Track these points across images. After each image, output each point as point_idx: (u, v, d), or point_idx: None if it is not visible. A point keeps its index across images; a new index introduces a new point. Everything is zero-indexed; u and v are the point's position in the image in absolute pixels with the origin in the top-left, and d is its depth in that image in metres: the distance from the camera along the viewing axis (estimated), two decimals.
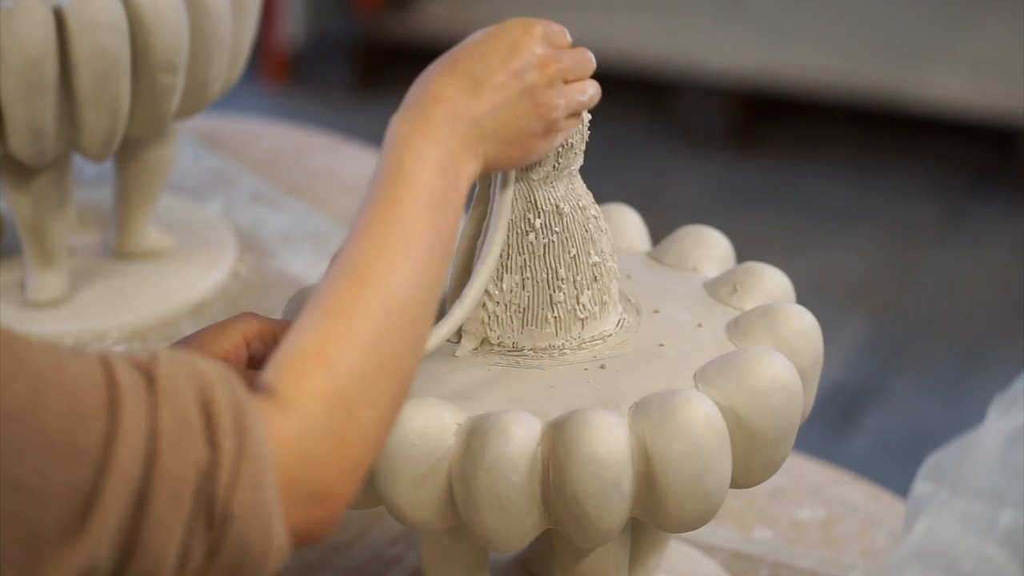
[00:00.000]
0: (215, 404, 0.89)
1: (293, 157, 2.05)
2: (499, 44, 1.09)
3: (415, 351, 0.99)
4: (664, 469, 1.09)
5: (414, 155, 1.03)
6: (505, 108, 1.07)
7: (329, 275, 0.99)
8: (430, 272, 1.00)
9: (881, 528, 1.48)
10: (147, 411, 0.87)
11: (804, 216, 3.53)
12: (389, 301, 0.97)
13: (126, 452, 0.86)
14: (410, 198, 1.01)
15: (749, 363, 1.13)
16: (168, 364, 0.90)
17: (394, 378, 0.97)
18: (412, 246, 0.99)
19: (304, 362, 0.94)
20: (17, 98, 1.50)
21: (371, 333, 0.96)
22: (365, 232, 0.99)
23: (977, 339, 3.13)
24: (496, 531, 1.10)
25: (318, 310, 0.96)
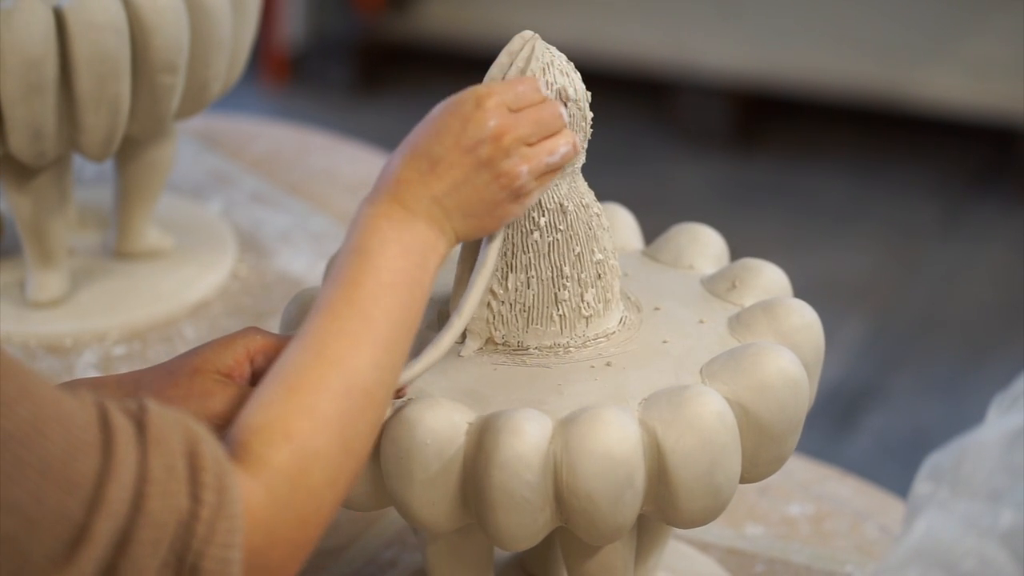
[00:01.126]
0: (201, 458, 0.91)
1: (293, 157, 2.05)
2: (453, 121, 1.10)
3: (373, 432, 1.02)
4: (676, 464, 1.10)
5: (378, 237, 1.05)
6: (464, 184, 1.09)
7: (293, 350, 1.00)
8: (391, 352, 1.03)
9: (872, 522, 1.48)
10: (137, 456, 0.90)
11: (804, 216, 3.53)
12: (351, 382, 1.00)
13: (117, 491, 0.88)
14: (373, 279, 1.04)
15: (756, 357, 1.13)
16: (158, 415, 0.92)
17: (352, 459, 0.99)
18: (374, 327, 1.02)
19: (271, 435, 0.96)
20: (17, 98, 1.50)
21: (334, 412, 0.98)
22: (329, 312, 1.02)
23: (977, 339, 3.13)
24: (508, 529, 1.10)
25: (283, 385, 0.98)
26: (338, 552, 1.42)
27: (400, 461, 1.10)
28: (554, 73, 1.16)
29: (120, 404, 0.92)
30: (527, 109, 1.12)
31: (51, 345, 1.64)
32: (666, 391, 1.12)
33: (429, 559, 1.21)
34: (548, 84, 1.15)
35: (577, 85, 1.17)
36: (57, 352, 1.63)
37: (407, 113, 3.93)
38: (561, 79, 1.16)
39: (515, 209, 1.12)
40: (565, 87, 1.16)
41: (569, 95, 1.16)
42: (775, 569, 1.42)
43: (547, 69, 1.16)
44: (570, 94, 1.16)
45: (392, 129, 3.79)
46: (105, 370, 1.61)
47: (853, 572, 1.42)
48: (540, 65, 1.15)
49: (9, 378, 0.87)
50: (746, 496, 1.51)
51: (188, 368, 1.09)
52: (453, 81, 4.32)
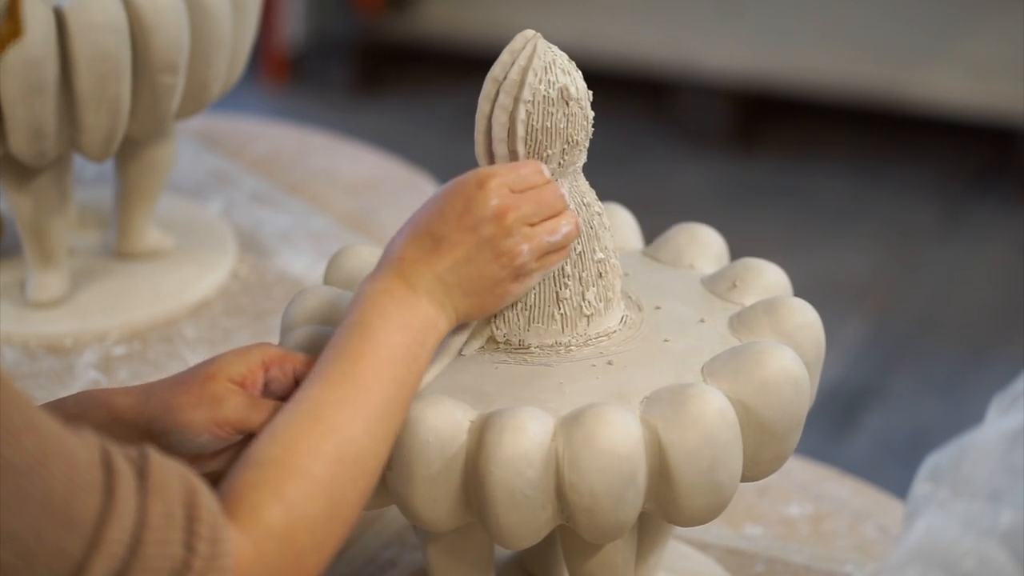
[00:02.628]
0: (198, 509, 0.93)
1: (293, 157, 2.05)
2: (456, 201, 1.12)
3: (362, 500, 1.03)
4: (678, 462, 1.10)
5: (379, 312, 1.07)
6: (465, 262, 1.11)
7: (289, 415, 1.02)
8: (386, 424, 1.04)
9: (870, 522, 1.48)
10: (137, 500, 0.91)
11: (804, 216, 3.53)
12: (345, 450, 1.01)
13: (116, 532, 0.90)
14: (372, 352, 1.05)
15: (758, 356, 1.14)
16: (159, 463, 0.94)
17: (340, 526, 1.00)
18: (371, 399, 1.04)
19: (263, 495, 0.97)
20: (17, 98, 1.50)
21: (326, 479, 0.99)
22: (327, 382, 1.04)
23: (977, 339, 3.13)
24: (510, 527, 1.10)
25: (279, 445, 1.00)
26: (339, 552, 1.42)
27: (402, 459, 1.11)
28: (556, 72, 1.16)
29: (123, 449, 0.93)
30: (529, 191, 1.14)
31: (51, 345, 1.64)
32: (668, 389, 1.12)
33: (430, 558, 1.21)
34: (550, 83, 1.16)
35: (579, 84, 1.17)
36: (57, 352, 1.63)
37: (407, 113, 3.94)
38: (563, 78, 1.16)
39: (516, 289, 1.14)
40: (567, 86, 1.16)
41: (571, 94, 1.16)
42: (775, 569, 1.42)
43: (549, 68, 1.16)
44: (572, 93, 1.16)
45: (392, 129, 3.80)
46: (105, 370, 1.61)
47: (853, 572, 1.42)
48: (542, 64, 1.16)
49: (16, 409, 0.88)
50: (745, 496, 1.51)
51: (201, 375, 1.10)
52: (453, 81, 4.32)
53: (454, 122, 3.84)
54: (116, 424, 1.08)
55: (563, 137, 1.17)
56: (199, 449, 1.08)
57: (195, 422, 1.08)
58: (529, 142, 1.16)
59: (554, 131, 1.16)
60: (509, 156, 1.17)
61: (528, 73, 1.15)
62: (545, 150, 1.17)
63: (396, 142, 3.03)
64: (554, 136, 1.16)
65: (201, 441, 1.08)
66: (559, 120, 1.16)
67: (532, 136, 1.16)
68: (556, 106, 1.16)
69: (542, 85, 1.15)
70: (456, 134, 3.73)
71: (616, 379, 1.16)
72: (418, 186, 2.00)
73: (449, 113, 3.90)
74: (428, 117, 3.90)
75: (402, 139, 3.57)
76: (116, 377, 1.59)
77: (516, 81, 1.15)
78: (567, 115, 1.17)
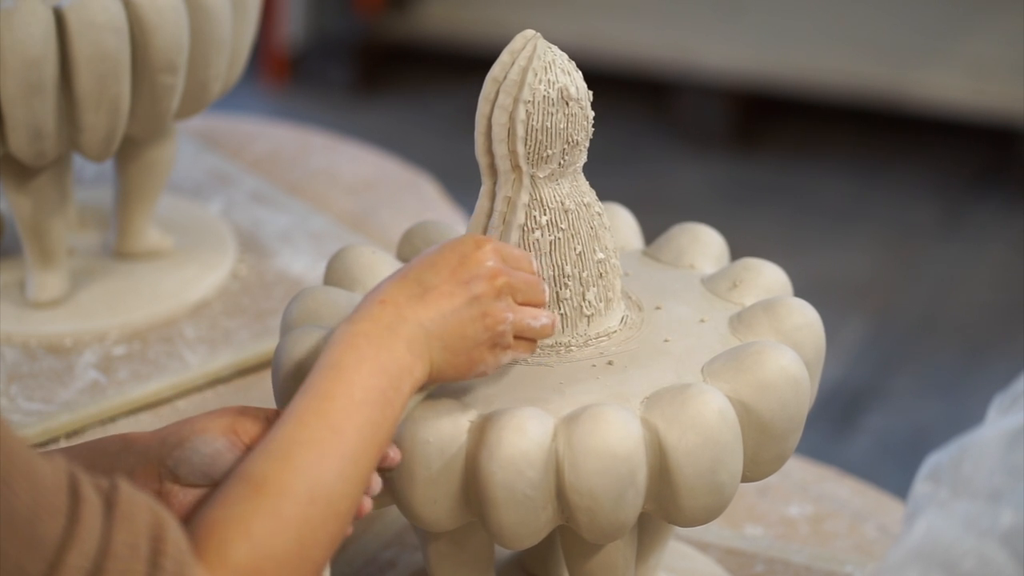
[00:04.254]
0: (164, 543, 0.92)
1: (293, 157, 2.05)
2: (451, 255, 1.12)
3: (333, 542, 1.01)
4: (678, 462, 1.10)
5: (354, 353, 1.05)
6: (452, 315, 1.09)
7: (260, 453, 1.01)
8: (358, 466, 1.02)
9: (870, 523, 1.48)
10: (102, 529, 0.91)
11: (804, 216, 3.53)
12: (316, 491, 0.99)
13: (77, 558, 0.89)
14: (344, 393, 1.04)
15: (758, 356, 1.14)
16: (128, 494, 0.93)
17: (309, 566, 0.99)
18: (343, 441, 1.02)
19: (231, 532, 0.96)
20: (17, 98, 1.50)
21: (295, 518, 0.98)
22: (298, 421, 1.02)
23: (977, 339, 3.13)
24: (510, 527, 1.10)
25: (249, 485, 0.99)
26: (338, 552, 1.42)
27: (402, 459, 1.11)
28: (556, 72, 1.16)
29: (93, 479, 0.93)
30: (519, 272, 1.13)
31: (51, 345, 1.64)
32: (668, 389, 1.12)
33: (430, 558, 1.21)
34: (550, 83, 1.16)
35: (579, 84, 1.17)
36: (57, 352, 1.63)
37: (407, 113, 3.94)
38: (563, 78, 1.16)
39: (490, 359, 1.11)
40: (567, 86, 1.16)
41: (571, 94, 1.16)
42: (775, 569, 1.42)
43: (549, 68, 1.16)
44: (572, 93, 1.16)
45: (392, 129, 3.80)
46: (105, 370, 1.61)
47: (853, 572, 1.42)
48: (542, 64, 1.16)
49: None
50: (746, 496, 1.51)
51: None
52: (453, 81, 4.33)
53: (454, 122, 3.84)
54: (128, 451, 1.08)
55: (563, 137, 1.17)
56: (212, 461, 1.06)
57: (213, 426, 1.07)
58: (529, 142, 1.16)
59: (554, 131, 1.16)
60: (509, 156, 1.17)
61: (528, 73, 1.15)
62: (545, 150, 1.17)
63: (396, 142, 3.03)
64: (554, 136, 1.16)
65: (218, 446, 1.06)
66: (559, 120, 1.16)
67: (532, 136, 1.16)
68: (556, 106, 1.16)
69: (542, 85, 1.15)
70: (456, 134, 3.73)
71: (616, 379, 1.16)
72: (418, 186, 2.00)
73: (449, 113, 3.90)
74: (428, 117, 3.90)
75: (402, 139, 3.57)
76: (116, 377, 1.59)
77: (516, 81, 1.15)
78: (567, 115, 1.17)
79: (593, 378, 1.16)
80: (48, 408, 1.55)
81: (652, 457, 1.11)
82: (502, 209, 1.18)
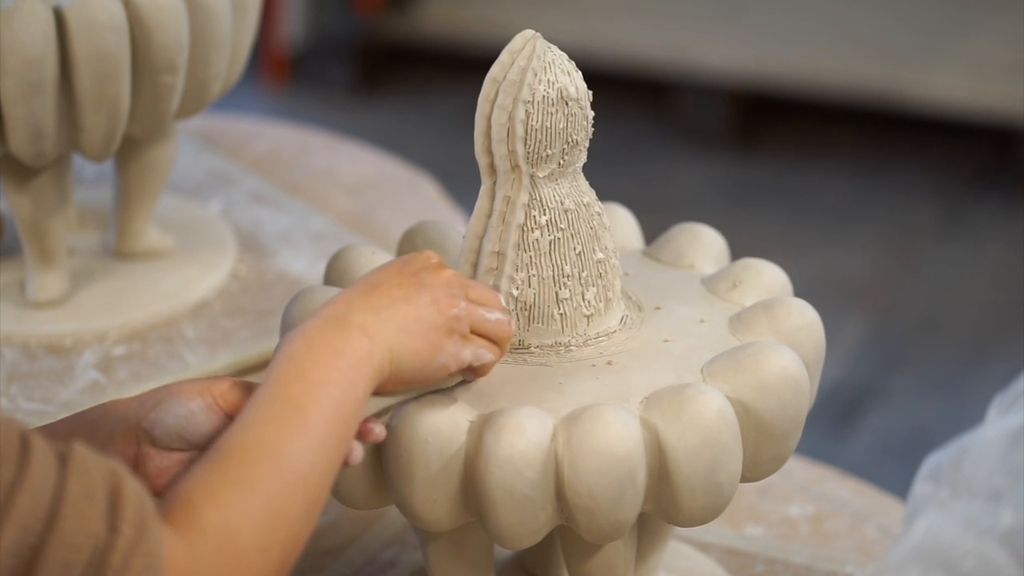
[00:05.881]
0: (122, 493, 0.92)
1: (293, 157, 2.05)
2: (395, 262, 1.14)
3: (309, 510, 1.01)
4: (678, 462, 1.10)
5: (305, 343, 1.05)
6: (403, 301, 1.10)
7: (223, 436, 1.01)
8: (322, 438, 1.02)
9: (871, 523, 1.48)
10: (56, 474, 0.90)
11: (804, 216, 3.53)
12: (279, 461, 1.00)
13: (27, 500, 0.88)
14: (299, 378, 1.04)
15: (757, 357, 1.14)
16: (82, 452, 0.92)
17: (285, 532, 0.99)
18: (304, 416, 1.02)
19: (198, 497, 0.96)
20: (17, 98, 1.50)
21: (261, 485, 0.98)
22: (256, 405, 1.02)
23: (977, 339, 3.13)
24: (509, 527, 1.10)
25: (212, 461, 0.99)
26: (338, 552, 1.42)
27: (401, 459, 1.11)
28: (555, 72, 1.16)
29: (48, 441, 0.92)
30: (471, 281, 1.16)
31: (51, 345, 1.64)
32: (667, 390, 1.12)
33: (430, 558, 1.21)
34: (549, 83, 1.16)
35: (578, 84, 1.17)
36: (57, 352, 1.63)
37: (407, 113, 3.94)
38: (562, 78, 1.16)
39: (449, 346, 1.11)
40: (566, 86, 1.16)
41: (570, 94, 1.16)
42: (775, 569, 1.42)
43: (549, 68, 1.16)
44: (571, 93, 1.16)
45: (392, 129, 3.80)
46: (105, 370, 1.61)
47: (853, 572, 1.42)
48: (541, 64, 1.16)
49: None
50: (746, 496, 1.51)
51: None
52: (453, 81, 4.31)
53: (454, 122, 3.84)
54: (106, 417, 1.08)
55: (563, 137, 1.17)
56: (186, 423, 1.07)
57: (188, 388, 1.08)
58: (528, 142, 1.16)
59: (553, 131, 1.16)
60: (508, 156, 1.17)
61: (527, 73, 1.15)
62: (544, 150, 1.17)
63: (396, 142, 3.03)
64: (553, 136, 1.16)
65: (192, 408, 1.07)
66: (558, 120, 1.16)
67: (531, 136, 1.16)
68: (556, 106, 1.16)
69: (541, 85, 1.15)
70: (456, 134, 3.73)
71: (616, 379, 1.16)
72: (418, 186, 2.00)
73: (449, 113, 3.90)
74: (428, 117, 3.90)
75: (402, 139, 3.57)
76: (116, 377, 1.59)
77: (515, 81, 1.15)
78: (567, 115, 1.17)
79: (593, 378, 1.16)
80: (48, 408, 1.55)
81: (651, 457, 1.11)
82: (502, 209, 1.18)
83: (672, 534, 1.29)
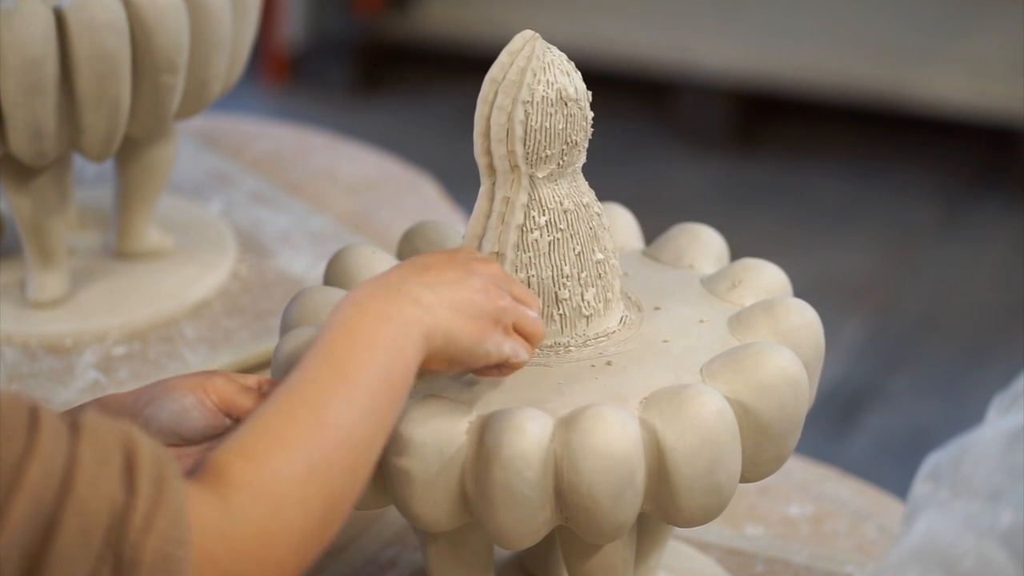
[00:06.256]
0: (137, 453, 0.90)
1: (293, 157, 2.05)
2: (442, 252, 1.14)
3: (354, 469, 0.99)
4: (676, 462, 1.10)
5: (356, 307, 1.04)
6: (456, 282, 1.09)
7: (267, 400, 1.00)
8: (371, 399, 1.01)
9: (871, 523, 1.48)
10: (67, 443, 0.88)
11: (804, 216, 3.53)
12: (321, 416, 0.98)
13: (39, 471, 0.86)
14: (349, 339, 1.02)
15: (756, 357, 1.14)
16: (93, 418, 0.91)
17: (327, 488, 0.97)
18: (352, 376, 1.01)
19: (229, 456, 0.95)
20: (17, 98, 1.50)
21: (301, 439, 0.96)
22: (301, 368, 1.01)
23: (977, 339, 3.13)
24: (509, 528, 1.10)
25: (253, 419, 0.98)
26: (338, 552, 1.42)
27: (400, 460, 1.11)
28: (554, 73, 1.16)
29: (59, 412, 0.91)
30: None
31: (51, 345, 1.64)
32: (666, 390, 1.12)
33: (429, 558, 1.21)
34: (548, 83, 1.16)
35: (578, 84, 1.17)
36: (57, 352, 1.63)
37: (407, 113, 3.94)
38: (561, 79, 1.16)
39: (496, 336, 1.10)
40: (565, 86, 1.16)
41: (569, 94, 1.16)
42: (775, 569, 1.42)
43: (548, 68, 1.16)
44: (570, 93, 1.16)
45: (392, 129, 3.80)
46: (105, 370, 1.61)
47: (853, 572, 1.42)
48: (541, 65, 1.16)
49: None
50: (746, 496, 1.51)
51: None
52: (453, 81, 4.31)
53: (454, 122, 3.84)
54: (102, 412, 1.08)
55: (562, 138, 1.17)
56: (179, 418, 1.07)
57: (182, 384, 1.08)
58: (528, 142, 1.16)
59: (553, 132, 1.16)
60: (507, 156, 1.17)
61: (527, 74, 1.15)
62: (544, 151, 1.17)
63: (396, 142, 3.03)
64: (553, 137, 1.17)
65: (185, 404, 1.07)
66: (558, 121, 1.16)
67: (531, 137, 1.16)
68: (555, 107, 1.16)
69: (540, 86, 1.15)
70: (456, 134, 3.73)
71: (615, 380, 1.16)
72: (418, 186, 2.00)
73: (449, 113, 3.90)
74: (428, 117, 3.90)
75: (402, 139, 3.57)
76: (116, 377, 1.59)
77: (514, 82, 1.16)
78: (566, 116, 1.17)
79: (592, 378, 1.16)
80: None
81: (650, 457, 1.11)
82: (501, 209, 1.18)
83: (672, 534, 1.29)
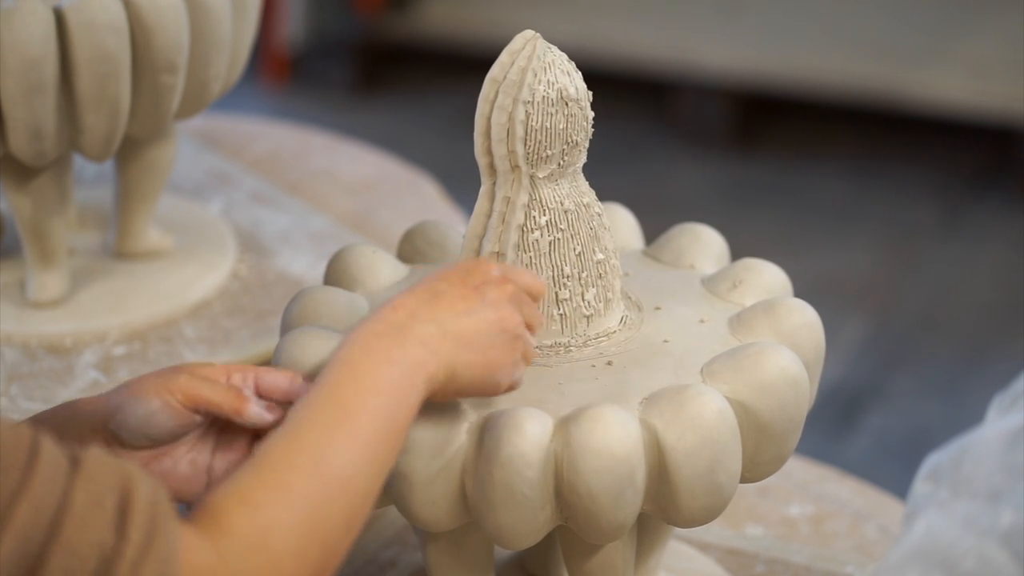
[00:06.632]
0: (133, 497, 0.90)
1: (293, 157, 2.05)
2: (456, 269, 1.11)
3: (351, 521, 0.99)
4: (677, 462, 1.10)
5: (362, 347, 1.04)
6: (467, 315, 1.08)
7: (268, 438, 1.00)
8: (371, 448, 1.00)
9: (871, 523, 1.48)
10: (63, 484, 0.88)
11: (804, 216, 3.53)
12: (322, 466, 0.98)
13: (29, 510, 0.87)
14: (354, 381, 1.02)
15: (757, 357, 1.14)
16: (95, 455, 0.91)
17: (323, 537, 0.97)
18: (354, 423, 1.00)
19: (228, 503, 0.95)
20: (17, 98, 1.50)
21: (300, 487, 0.96)
22: (307, 407, 1.01)
23: (977, 339, 3.13)
24: (509, 527, 1.10)
25: (252, 464, 0.97)
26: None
27: (400, 460, 1.11)
28: (555, 72, 1.16)
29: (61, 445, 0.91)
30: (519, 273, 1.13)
31: (51, 345, 1.64)
32: (667, 390, 1.12)
33: (429, 558, 1.21)
34: (549, 83, 1.16)
35: (578, 84, 1.17)
36: (57, 352, 1.63)
37: (407, 113, 3.94)
38: (562, 78, 1.16)
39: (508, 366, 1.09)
40: (566, 86, 1.16)
41: (570, 94, 1.16)
42: (775, 569, 1.42)
43: (548, 68, 1.16)
44: (571, 93, 1.16)
45: (392, 129, 3.80)
46: (105, 370, 1.61)
47: (853, 572, 1.42)
48: (541, 65, 1.16)
49: None
50: (746, 496, 1.51)
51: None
52: (453, 81, 4.32)
53: (454, 122, 3.84)
54: (75, 418, 1.08)
55: (562, 138, 1.17)
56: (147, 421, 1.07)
57: (146, 387, 1.08)
58: (528, 142, 1.16)
59: (553, 132, 1.16)
60: (508, 156, 1.17)
61: (527, 74, 1.15)
62: (544, 151, 1.17)
63: (396, 142, 3.03)
64: (553, 137, 1.17)
65: (151, 407, 1.07)
66: (558, 121, 1.16)
67: (531, 136, 1.16)
68: (555, 107, 1.16)
69: (541, 86, 1.15)
70: (456, 134, 3.73)
71: (615, 379, 1.16)
72: (418, 186, 2.00)
73: (449, 113, 3.90)
74: (428, 117, 3.90)
75: (402, 139, 3.57)
76: (116, 377, 1.59)
77: (515, 82, 1.16)
78: (566, 116, 1.17)
79: (592, 378, 1.16)
80: (48, 408, 1.55)
81: (651, 457, 1.11)
82: (501, 209, 1.18)
83: (672, 534, 1.29)
